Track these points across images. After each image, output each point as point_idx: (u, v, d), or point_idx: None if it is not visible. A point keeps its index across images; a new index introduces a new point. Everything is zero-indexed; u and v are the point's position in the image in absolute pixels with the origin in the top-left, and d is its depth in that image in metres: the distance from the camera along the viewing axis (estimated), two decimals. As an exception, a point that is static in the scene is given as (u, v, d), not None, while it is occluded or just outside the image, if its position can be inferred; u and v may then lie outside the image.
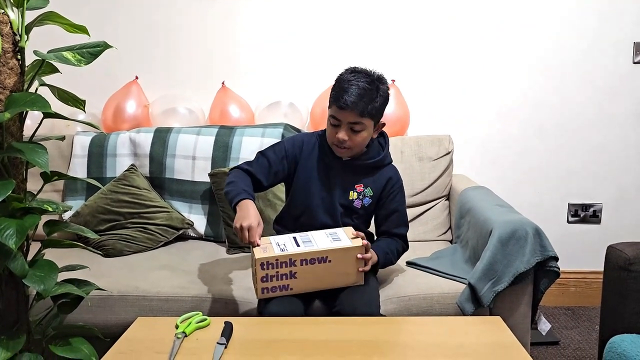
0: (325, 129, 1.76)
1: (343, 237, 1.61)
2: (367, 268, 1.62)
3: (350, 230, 1.65)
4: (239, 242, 2.14)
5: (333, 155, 1.75)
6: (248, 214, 1.57)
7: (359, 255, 1.59)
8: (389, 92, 1.72)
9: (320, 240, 1.59)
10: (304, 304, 1.64)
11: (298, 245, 1.56)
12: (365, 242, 1.60)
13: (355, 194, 1.77)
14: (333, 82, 1.71)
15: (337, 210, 1.75)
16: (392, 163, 1.83)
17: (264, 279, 1.53)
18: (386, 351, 1.30)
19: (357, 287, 1.63)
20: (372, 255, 1.64)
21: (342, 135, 1.66)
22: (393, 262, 1.82)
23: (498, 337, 1.35)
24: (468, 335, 1.37)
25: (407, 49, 2.58)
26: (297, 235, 1.62)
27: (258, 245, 1.55)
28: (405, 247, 1.85)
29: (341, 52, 2.57)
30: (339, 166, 1.75)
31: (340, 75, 1.71)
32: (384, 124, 1.76)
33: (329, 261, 1.56)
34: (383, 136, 1.82)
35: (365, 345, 1.31)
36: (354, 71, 1.69)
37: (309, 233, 1.63)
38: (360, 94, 1.63)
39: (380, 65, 2.54)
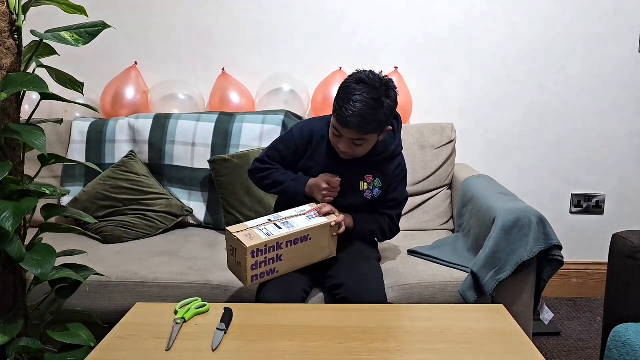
0: None
1: (315, 213, 1.66)
2: (342, 230, 1.66)
3: (312, 204, 1.68)
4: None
5: None
6: (319, 178, 1.69)
7: (332, 223, 1.62)
8: (397, 98, 1.61)
9: (296, 220, 1.62)
10: (303, 291, 1.62)
11: (280, 228, 1.58)
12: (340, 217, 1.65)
13: (365, 184, 1.74)
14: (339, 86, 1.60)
15: (345, 202, 1.71)
16: (402, 152, 1.79)
17: (254, 267, 1.53)
18: (387, 337, 1.28)
19: (363, 275, 1.63)
20: (343, 217, 1.67)
21: (342, 147, 1.63)
22: (375, 235, 1.80)
23: (501, 325, 1.34)
24: (470, 323, 1.35)
25: (410, 36, 2.55)
26: (270, 217, 1.63)
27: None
28: (394, 228, 1.82)
29: (343, 39, 2.54)
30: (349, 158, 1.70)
31: (346, 82, 1.59)
32: (390, 129, 1.70)
33: (310, 239, 1.60)
34: (396, 118, 1.76)
35: (366, 331, 1.30)
36: (359, 81, 1.56)
37: (280, 214, 1.64)
38: (363, 114, 1.53)
39: (383, 53, 2.57)
